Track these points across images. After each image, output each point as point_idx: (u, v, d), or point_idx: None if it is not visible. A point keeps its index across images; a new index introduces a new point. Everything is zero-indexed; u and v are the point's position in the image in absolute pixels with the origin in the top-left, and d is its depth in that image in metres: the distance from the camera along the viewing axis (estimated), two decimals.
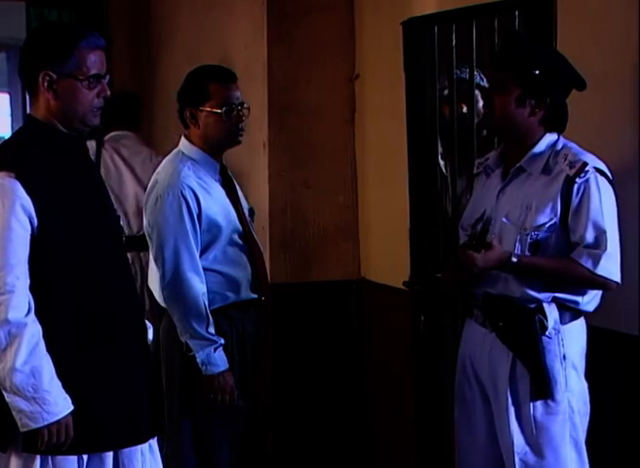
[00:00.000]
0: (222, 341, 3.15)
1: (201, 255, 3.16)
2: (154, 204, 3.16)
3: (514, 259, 2.69)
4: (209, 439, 3.23)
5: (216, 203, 3.19)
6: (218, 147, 3.24)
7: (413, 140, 3.79)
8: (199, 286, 3.13)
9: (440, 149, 3.73)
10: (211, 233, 3.17)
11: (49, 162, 2.51)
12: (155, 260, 3.17)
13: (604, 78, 2.95)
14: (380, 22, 4.01)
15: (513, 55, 2.78)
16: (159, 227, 3.14)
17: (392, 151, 3.92)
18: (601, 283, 2.70)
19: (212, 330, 3.13)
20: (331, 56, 4.12)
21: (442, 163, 3.75)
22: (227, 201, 3.24)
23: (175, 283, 3.12)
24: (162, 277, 3.14)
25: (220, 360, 3.14)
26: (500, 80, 2.78)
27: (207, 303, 3.14)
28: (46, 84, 2.50)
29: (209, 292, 3.16)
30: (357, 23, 4.14)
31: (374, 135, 4.10)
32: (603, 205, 2.68)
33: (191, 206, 3.12)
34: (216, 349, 3.13)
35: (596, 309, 2.78)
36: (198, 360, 3.12)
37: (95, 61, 2.50)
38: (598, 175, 2.69)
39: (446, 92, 3.66)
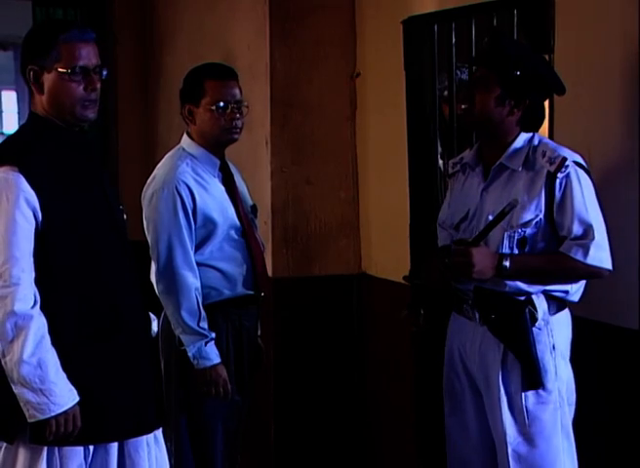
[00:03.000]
0: (214, 335, 3.17)
1: (197, 251, 3.19)
2: (150, 199, 3.20)
3: (506, 264, 2.72)
4: (203, 433, 3.25)
5: (212, 199, 3.21)
6: (214, 144, 3.26)
7: (413, 138, 3.82)
8: (192, 280, 3.15)
9: (440, 149, 3.77)
10: (206, 229, 3.19)
11: (52, 156, 2.54)
12: (151, 255, 3.20)
13: (603, 77, 2.97)
14: (380, 21, 4.02)
15: (496, 54, 2.82)
16: (154, 222, 3.18)
17: (393, 148, 3.94)
18: (593, 272, 2.74)
19: (203, 324, 3.15)
20: (332, 54, 4.15)
21: (441, 162, 3.79)
22: (226, 197, 3.26)
23: (168, 277, 3.15)
24: (156, 271, 3.18)
25: (211, 353, 3.16)
26: (481, 78, 2.82)
27: (200, 298, 3.16)
28: (32, 78, 2.54)
29: (204, 286, 3.19)
30: (358, 22, 4.16)
31: (374, 132, 4.13)
32: (585, 197, 2.72)
33: (186, 201, 3.15)
34: (207, 343, 3.15)
35: (581, 299, 2.82)
36: (189, 354, 3.15)
37: (77, 54, 2.50)
38: (577, 168, 2.74)
39: (446, 93, 3.70)
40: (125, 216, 2.74)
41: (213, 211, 3.21)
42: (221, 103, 3.20)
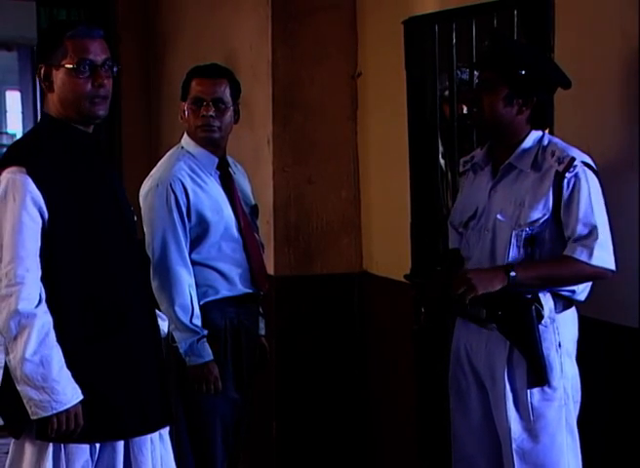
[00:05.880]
0: (206, 333, 3.17)
1: (194, 249, 3.21)
2: (146, 196, 3.22)
3: (513, 273, 2.73)
4: (202, 430, 3.25)
5: (207, 197, 3.23)
6: (198, 142, 3.25)
7: (414, 137, 3.83)
8: (186, 277, 3.16)
9: (441, 148, 3.79)
10: (201, 227, 3.21)
11: (60, 157, 2.55)
12: (147, 251, 3.21)
13: (603, 76, 2.98)
14: (382, 21, 4.04)
15: (499, 55, 2.84)
16: (149, 219, 3.20)
17: (394, 147, 3.95)
18: (598, 273, 2.75)
19: (196, 321, 3.16)
20: (334, 54, 4.17)
21: (442, 161, 3.81)
22: (223, 196, 3.27)
23: (162, 273, 3.16)
24: (152, 267, 3.19)
25: (202, 351, 3.16)
26: (487, 80, 2.84)
27: (194, 294, 3.17)
28: (42, 77, 2.55)
29: (202, 284, 3.21)
30: (360, 22, 4.18)
31: (375, 131, 4.14)
32: (592, 197, 2.74)
33: (179, 199, 3.17)
34: (199, 340, 3.15)
35: (587, 298, 2.83)
36: (181, 350, 3.15)
37: (83, 49, 2.51)
38: (585, 168, 2.76)
39: (446, 92, 3.72)
40: (135, 218, 2.75)
41: (207, 209, 3.22)
42: (196, 99, 3.22)
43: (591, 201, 2.73)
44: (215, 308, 3.25)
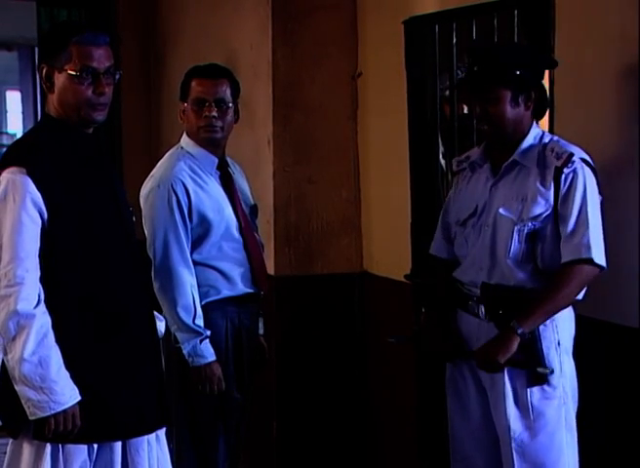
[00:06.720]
0: (209, 333, 3.18)
1: (195, 249, 3.21)
2: (147, 196, 3.23)
3: (521, 330, 2.72)
4: (204, 430, 3.26)
5: (208, 197, 3.23)
6: (199, 142, 3.25)
7: (414, 137, 3.84)
8: (188, 278, 3.16)
9: (441, 148, 3.79)
10: (203, 227, 3.21)
11: (60, 158, 2.56)
12: (148, 252, 3.22)
13: (602, 76, 2.99)
14: (382, 21, 4.04)
15: (493, 65, 2.83)
16: (151, 219, 3.20)
17: (394, 147, 3.96)
18: (597, 271, 2.75)
19: (199, 321, 3.16)
20: (334, 54, 4.17)
21: (442, 161, 3.81)
22: (223, 196, 3.27)
23: (164, 274, 3.16)
24: (153, 268, 3.19)
25: (206, 351, 3.16)
26: (487, 91, 2.83)
27: (196, 295, 3.17)
28: (44, 77, 2.56)
29: (203, 285, 3.21)
30: (360, 22, 4.18)
31: (376, 131, 4.14)
32: (587, 194, 2.76)
33: (181, 199, 3.17)
34: (202, 341, 3.15)
35: (584, 297, 2.83)
36: (184, 351, 3.16)
37: (87, 56, 2.52)
38: (583, 165, 2.78)
39: (447, 92, 3.72)
40: (134, 218, 2.75)
41: (208, 209, 3.22)
42: (198, 100, 3.22)
43: (587, 197, 2.75)
44: (215, 308, 3.25)
